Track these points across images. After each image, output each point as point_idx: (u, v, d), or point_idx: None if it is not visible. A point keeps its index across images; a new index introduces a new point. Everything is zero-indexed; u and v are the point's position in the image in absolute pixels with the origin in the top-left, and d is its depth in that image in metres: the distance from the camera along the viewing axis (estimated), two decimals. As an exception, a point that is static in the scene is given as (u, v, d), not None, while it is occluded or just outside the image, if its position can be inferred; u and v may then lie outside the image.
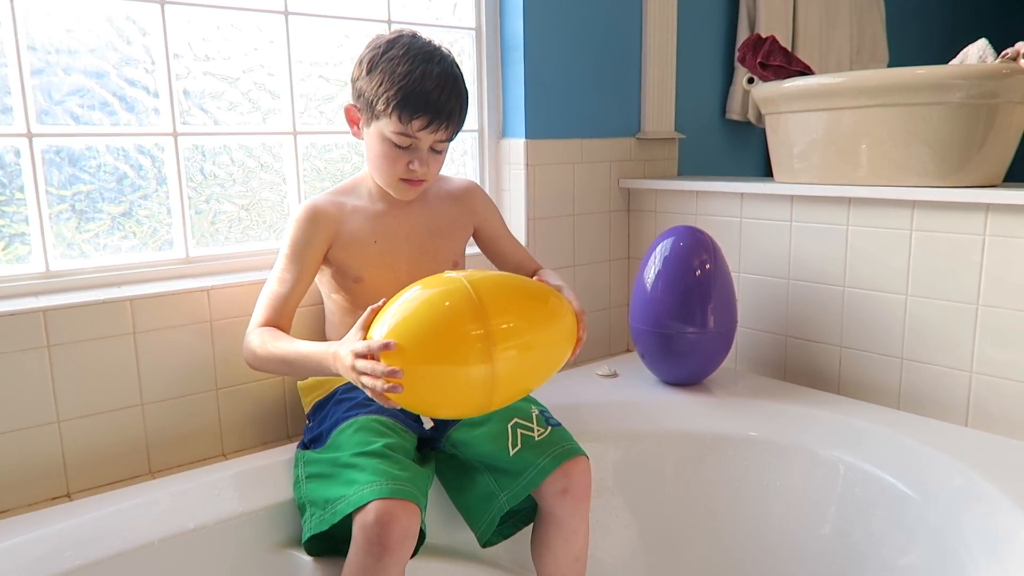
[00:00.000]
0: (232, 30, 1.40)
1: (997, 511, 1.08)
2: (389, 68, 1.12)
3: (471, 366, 0.95)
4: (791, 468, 1.36)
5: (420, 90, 1.11)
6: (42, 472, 1.19)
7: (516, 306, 1.00)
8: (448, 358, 0.95)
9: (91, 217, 1.31)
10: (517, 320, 0.99)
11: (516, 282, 1.05)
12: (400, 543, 0.96)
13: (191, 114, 1.37)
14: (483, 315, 0.95)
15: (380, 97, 1.12)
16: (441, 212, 1.30)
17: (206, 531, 1.05)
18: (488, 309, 0.95)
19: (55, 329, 1.17)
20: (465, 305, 0.95)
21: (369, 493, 0.97)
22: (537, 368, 1.03)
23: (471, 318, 0.95)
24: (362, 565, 0.96)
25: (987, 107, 1.37)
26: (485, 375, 0.95)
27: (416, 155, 1.16)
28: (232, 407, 1.36)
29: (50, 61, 1.23)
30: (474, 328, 0.94)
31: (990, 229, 1.33)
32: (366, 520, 0.96)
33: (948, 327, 1.41)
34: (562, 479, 1.12)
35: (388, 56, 1.13)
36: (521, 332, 0.99)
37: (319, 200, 1.24)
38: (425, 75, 1.12)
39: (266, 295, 1.19)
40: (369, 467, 1.01)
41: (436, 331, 0.95)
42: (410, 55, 1.13)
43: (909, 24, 2.92)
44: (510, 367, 0.97)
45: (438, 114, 1.13)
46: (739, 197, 1.71)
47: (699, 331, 1.51)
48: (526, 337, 0.99)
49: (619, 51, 1.87)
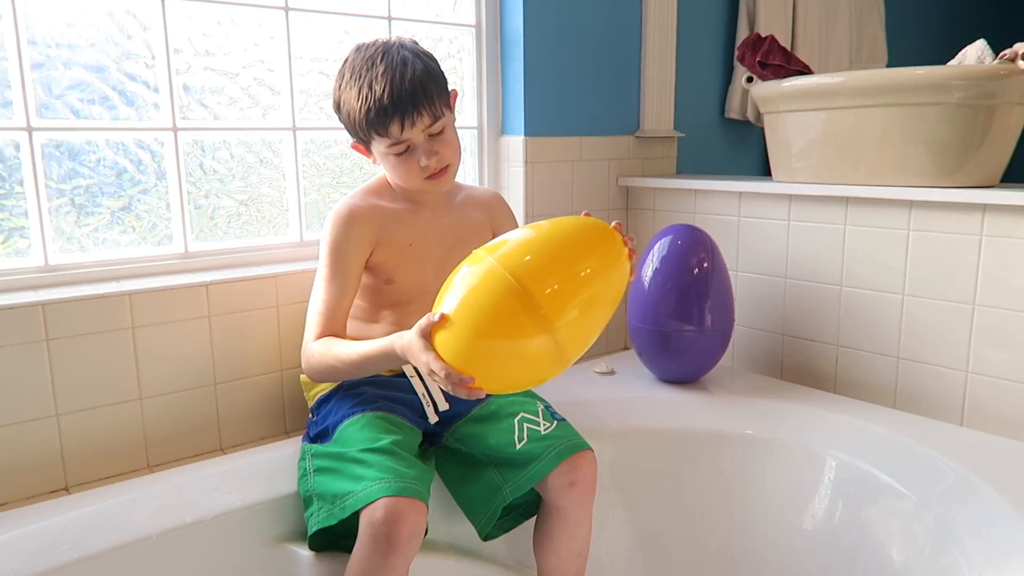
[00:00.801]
0: (232, 25, 1.40)
1: (991, 510, 1.09)
2: (347, 97, 1.14)
3: (535, 342, 0.94)
4: (787, 466, 1.37)
5: (374, 101, 1.11)
6: (40, 465, 1.19)
7: (559, 270, 0.96)
8: (511, 350, 0.95)
9: (90, 211, 1.31)
10: (564, 284, 0.95)
11: (551, 241, 1.00)
12: (408, 541, 0.96)
13: (191, 109, 1.37)
14: (528, 298, 0.92)
15: (355, 126, 1.15)
16: (466, 217, 1.30)
17: (204, 525, 1.05)
18: (531, 288, 0.93)
19: (54, 323, 1.17)
20: (510, 295, 0.93)
21: (378, 490, 0.97)
22: (601, 309, 1.00)
23: (520, 308, 0.93)
24: (369, 562, 0.96)
25: (985, 108, 1.38)
26: (549, 345, 0.94)
27: (419, 152, 1.16)
28: (230, 402, 1.36)
29: (50, 55, 1.23)
30: (526, 317, 0.93)
31: (987, 229, 1.34)
32: (374, 517, 0.96)
33: (944, 327, 1.41)
34: (569, 472, 1.13)
35: (342, 86, 1.15)
36: (572, 293, 0.96)
37: (355, 203, 1.21)
38: (372, 84, 1.11)
39: (317, 306, 1.18)
40: (377, 464, 1.02)
41: (492, 332, 0.94)
42: (355, 74, 1.13)
43: (908, 24, 2.93)
44: (574, 327, 0.96)
45: (403, 111, 1.11)
46: (737, 196, 1.71)
47: (696, 329, 1.52)
48: (579, 296, 0.96)
49: (619, 49, 1.87)
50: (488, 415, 1.19)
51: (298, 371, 1.41)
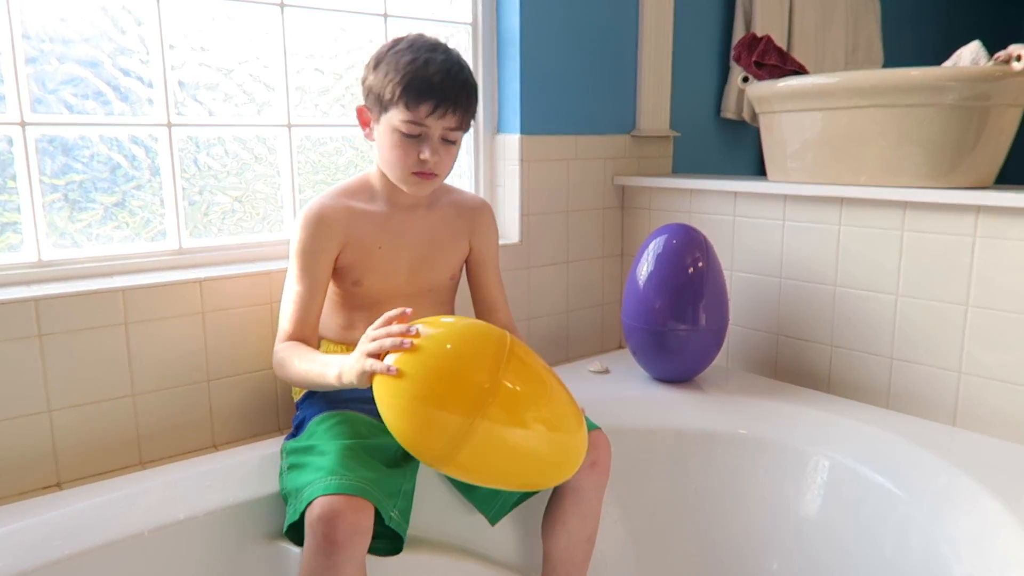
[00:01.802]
0: (227, 21, 1.39)
1: (981, 509, 1.09)
2: (394, 60, 1.13)
3: (458, 407, 0.91)
4: (780, 465, 1.37)
5: (424, 75, 1.11)
6: (33, 461, 1.19)
7: (536, 384, 0.96)
8: (447, 386, 0.92)
9: (84, 207, 1.30)
10: (528, 391, 0.95)
11: (552, 376, 1.00)
12: (348, 539, 0.95)
13: (185, 105, 1.37)
14: (498, 368, 0.92)
15: (386, 88, 1.13)
16: (444, 223, 1.29)
17: (196, 522, 1.05)
18: (509, 367, 0.93)
19: (47, 319, 1.17)
20: (493, 348, 0.94)
21: (319, 488, 0.97)
22: (517, 456, 0.95)
23: (489, 364, 0.93)
24: (314, 561, 0.96)
25: (979, 109, 1.38)
26: (461, 426, 0.91)
27: (427, 144, 1.15)
28: (223, 399, 1.36)
29: (44, 50, 1.23)
30: (483, 375, 0.92)
31: (980, 231, 1.34)
32: (312, 516, 0.96)
33: (937, 328, 1.42)
34: (592, 452, 1.11)
35: (394, 51, 1.15)
36: (525, 405, 0.94)
37: (325, 203, 1.21)
38: (429, 62, 1.12)
39: (287, 308, 1.18)
40: (333, 459, 1.01)
41: (452, 353, 0.94)
42: (414, 47, 1.14)
43: (904, 26, 2.93)
44: (491, 435, 0.92)
45: (444, 97, 1.12)
46: (732, 196, 1.71)
47: (691, 329, 1.52)
48: (526, 414, 0.94)
49: (615, 48, 1.87)
50: None
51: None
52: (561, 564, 1.19)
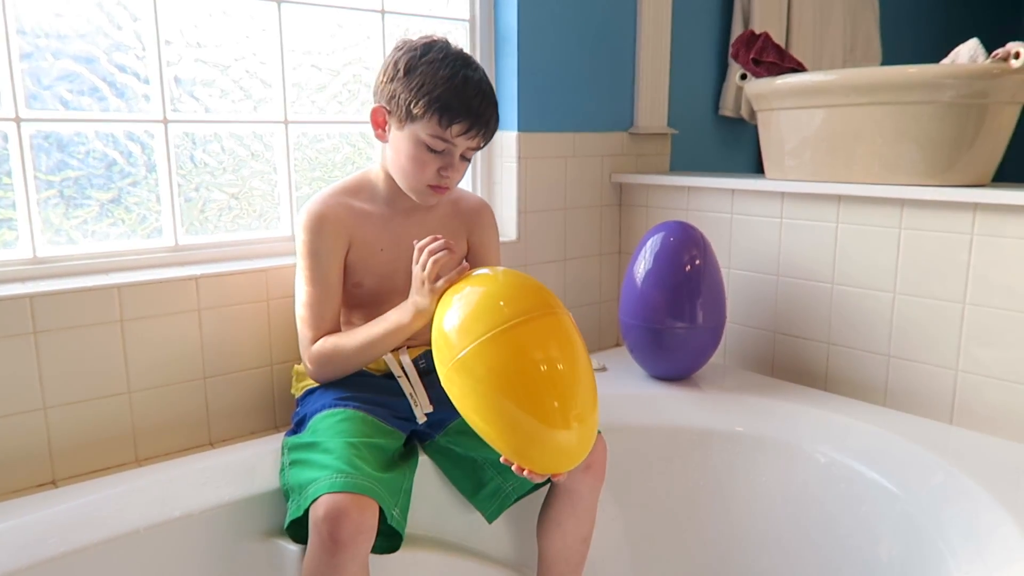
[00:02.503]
0: (224, 17, 1.39)
1: (978, 507, 1.10)
2: (430, 71, 1.11)
3: (522, 304, 0.98)
4: (777, 463, 1.37)
5: (463, 95, 1.11)
6: (28, 458, 1.18)
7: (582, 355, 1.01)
8: (520, 290, 1.02)
9: (79, 203, 1.30)
10: (576, 348, 1.00)
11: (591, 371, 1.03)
12: (352, 538, 0.94)
13: (182, 101, 1.37)
14: (558, 305, 1.02)
15: (420, 99, 1.10)
16: (443, 224, 1.28)
17: (192, 519, 1.04)
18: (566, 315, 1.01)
19: (42, 315, 1.16)
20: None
21: (324, 486, 0.97)
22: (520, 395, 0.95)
23: (551, 299, 1.02)
24: (318, 560, 0.96)
25: (977, 107, 1.38)
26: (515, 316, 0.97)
27: (449, 160, 1.15)
28: (219, 396, 1.35)
29: (39, 45, 1.22)
30: (548, 299, 1.01)
31: (978, 228, 1.34)
32: (317, 515, 0.95)
33: (935, 325, 1.42)
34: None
35: (427, 59, 1.12)
36: (565, 345, 0.99)
37: (327, 204, 1.20)
38: (467, 80, 1.12)
39: (306, 313, 1.17)
40: (334, 459, 1.01)
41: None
42: (450, 59, 1.12)
43: (902, 23, 2.93)
44: (525, 340, 0.96)
45: (477, 120, 1.12)
46: (730, 193, 1.71)
47: (688, 326, 1.52)
48: (562, 355, 0.97)
49: (613, 45, 1.86)
50: None
51: (288, 365, 1.41)
52: (556, 565, 1.19)
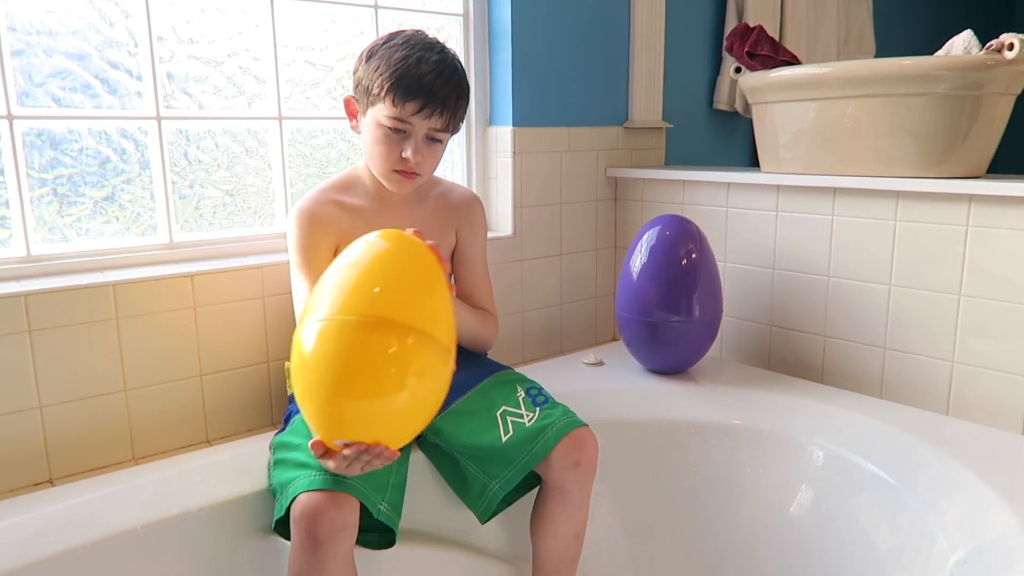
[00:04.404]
0: (216, 13, 1.38)
1: (976, 498, 1.10)
2: (387, 54, 1.13)
3: (412, 357, 0.87)
4: (774, 456, 1.37)
5: (415, 73, 1.12)
6: (24, 457, 1.18)
7: (375, 285, 0.91)
8: (396, 377, 0.87)
9: (73, 201, 1.29)
10: (387, 292, 0.90)
11: (352, 273, 0.94)
12: (331, 535, 0.94)
13: (175, 98, 1.36)
14: (374, 322, 0.86)
15: (375, 81, 1.13)
16: (433, 217, 1.28)
17: (190, 517, 1.04)
18: (378, 313, 0.87)
19: (37, 314, 1.16)
20: (354, 335, 0.87)
21: (301, 484, 0.97)
22: (430, 290, 0.92)
23: (375, 335, 0.86)
24: (299, 559, 0.96)
25: (972, 98, 1.38)
26: (425, 348, 0.87)
27: (410, 142, 1.15)
28: (216, 393, 1.35)
29: (30, 42, 1.21)
30: (385, 337, 0.86)
31: (973, 220, 1.35)
32: (295, 513, 0.96)
33: (930, 317, 1.42)
34: (574, 452, 1.12)
35: (388, 45, 1.15)
36: (400, 294, 0.90)
37: (316, 201, 1.20)
38: (421, 60, 1.12)
39: (300, 309, 1.16)
40: (310, 456, 0.99)
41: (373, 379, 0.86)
42: (409, 44, 1.14)
43: (896, 15, 2.93)
44: (430, 317, 0.89)
45: (431, 98, 1.12)
46: (725, 187, 1.71)
47: (684, 320, 1.52)
48: (412, 293, 0.91)
49: (607, 39, 1.86)
50: (466, 410, 1.17)
51: (284, 361, 1.40)
52: (550, 562, 1.19)
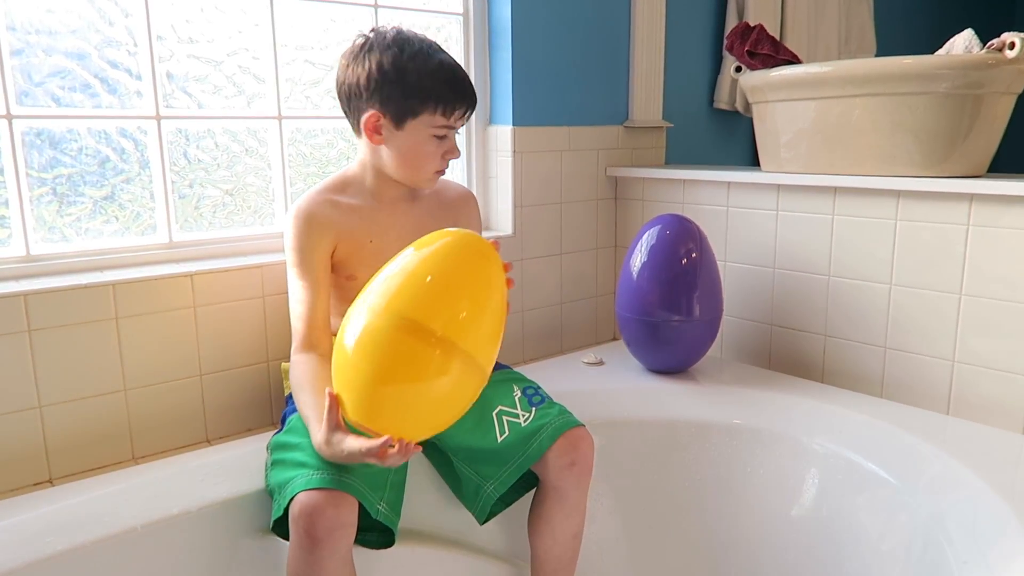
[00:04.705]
0: (216, 12, 1.38)
1: (977, 498, 1.10)
2: (417, 67, 1.13)
3: (448, 366, 0.91)
4: (775, 455, 1.37)
5: (454, 79, 1.15)
6: (24, 457, 1.18)
7: (438, 291, 0.93)
8: (429, 385, 0.92)
9: (73, 201, 1.29)
10: (449, 302, 0.92)
11: (417, 268, 0.95)
12: (329, 534, 0.94)
13: (174, 97, 1.36)
14: (419, 328, 0.90)
15: (419, 95, 1.13)
16: (429, 214, 1.28)
17: (190, 516, 1.04)
18: (418, 319, 0.90)
19: (36, 313, 1.16)
20: (401, 334, 0.90)
21: (299, 484, 0.97)
22: (490, 312, 0.95)
23: (417, 341, 0.90)
24: (298, 558, 0.96)
25: (972, 97, 1.38)
26: (462, 364, 0.92)
27: (450, 143, 1.19)
28: (216, 393, 1.35)
29: (30, 41, 1.21)
30: (426, 347, 0.90)
31: (974, 219, 1.34)
32: (294, 512, 0.96)
33: (931, 316, 1.42)
34: (569, 452, 1.12)
35: (410, 55, 1.13)
36: (460, 308, 0.93)
37: (313, 202, 1.19)
38: (444, 64, 1.15)
39: (295, 308, 1.16)
40: (307, 456, 1.01)
41: (405, 376, 0.91)
42: (424, 48, 1.15)
43: (897, 14, 2.93)
44: (474, 336, 0.93)
45: (470, 98, 1.17)
46: (726, 186, 1.71)
47: (685, 319, 1.52)
48: (469, 307, 0.93)
49: (607, 38, 1.86)
50: None
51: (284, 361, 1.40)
52: (548, 562, 1.20)
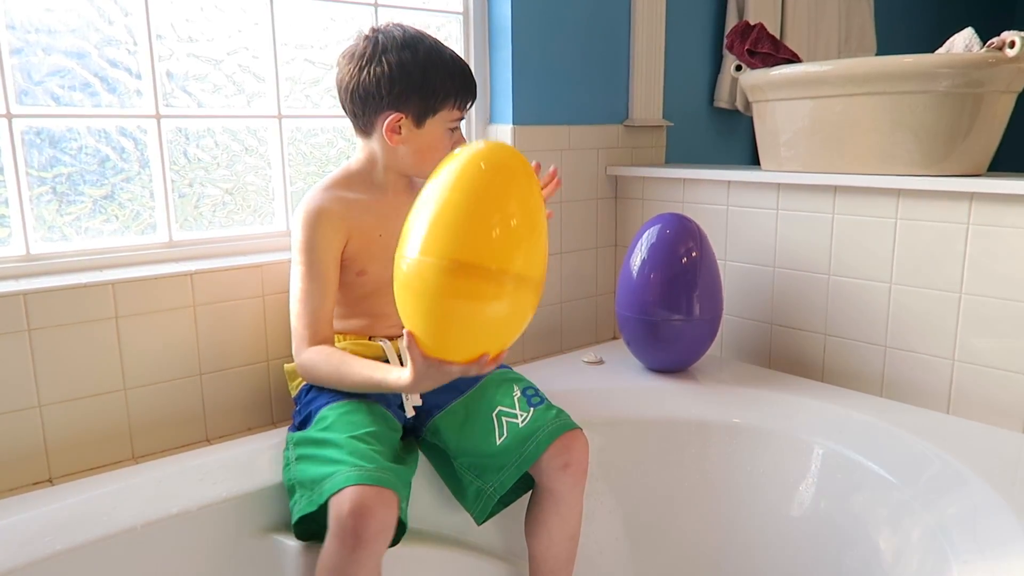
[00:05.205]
0: (216, 11, 1.38)
1: (978, 497, 1.10)
2: (435, 64, 1.16)
3: (507, 292, 0.93)
4: (775, 454, 1.37)
5: (464, 73, 1.19)
6: (24, 456, 1.18)
7: (480, 225, 0.93)
8: (491, 312, 0.94)
9: (72, 200, 1.29)
10: (494, 233, 0.92)
11: (456, 205, 0.95)
12: (376, 536, 0.94)
13: (174, 96, 1.36)
14: (471, 268, 0.91)
15: (440, 93, 1.16)
16: None
17: (190, 516, 1.04)
18: (467, 258, 0.91)
19: (36, 313, 1.16)
20: (454, 277, 0.92)
21: (347, 478, 0.96)
22: (535, 228, 0.96)
23: (473, 278, 0.91)
24: (338, 556, 0.94)
25: (973, 96, 1.38)
26: (518, 287, 0.94)
27: (459, 133, 1.23)
28: (216, 392, 1.35)
29: (29, 40, 1.21)
30: (482, 283, 0.92)
31: (974, 218, 1.34)
32: (341, 509, 0.94)
33: (931, 315, 1.42)
34: (563, 454, 1.12)
35: (424, 53, 1.16)
36: (506, 236, 0.93)
37: (323, 199, 1.19)
38: (458, 58, 1.19)
39: (300, 308, 1.15)
40: (351, 450, 1.00)
41: (466, 317, 0.94)
42: (434, 45, 1.18)
43: (897, 13, 2.93)
44: (526, 257, 0.94)
45: (475, 88, 1.21)
46: (726, 185, 1.71)
47: (685, 318, 1.52)
48: (513, 234, 0.94)
49: (607, 37, 1.86)
50: (464, 411, 1.18)
51: (284, 361, 1.40)
52: (545, 563, 1.20)
